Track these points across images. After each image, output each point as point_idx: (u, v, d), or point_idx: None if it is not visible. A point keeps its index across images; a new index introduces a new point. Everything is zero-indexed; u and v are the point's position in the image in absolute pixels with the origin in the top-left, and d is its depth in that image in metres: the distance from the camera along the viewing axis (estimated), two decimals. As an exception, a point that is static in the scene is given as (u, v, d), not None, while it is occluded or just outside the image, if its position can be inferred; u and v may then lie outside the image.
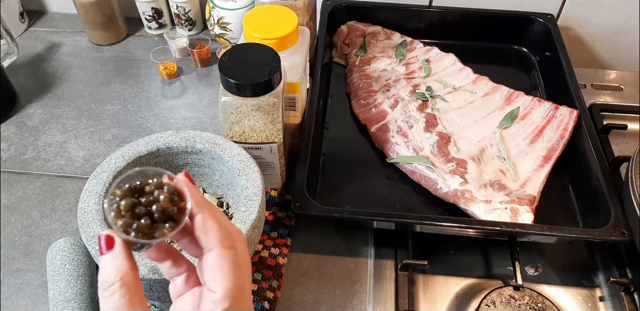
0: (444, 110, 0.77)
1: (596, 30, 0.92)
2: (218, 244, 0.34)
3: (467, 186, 0.66)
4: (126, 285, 0.32)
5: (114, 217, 0.32)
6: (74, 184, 0.74)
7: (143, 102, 0.85)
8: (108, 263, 0.33)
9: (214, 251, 0.34)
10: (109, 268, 0.33)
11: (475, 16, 0.88)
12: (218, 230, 0.34)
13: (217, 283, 0.33)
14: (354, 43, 0.87)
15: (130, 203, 0.31)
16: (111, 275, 0.33)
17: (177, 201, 0.32)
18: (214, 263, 0.34)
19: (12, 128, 0.81)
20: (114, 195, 0.32)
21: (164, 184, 0.33)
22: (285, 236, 0.66)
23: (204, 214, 0.34)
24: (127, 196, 0.32)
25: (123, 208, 0.31)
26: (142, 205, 0.32)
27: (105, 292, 0.33)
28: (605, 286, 0.64)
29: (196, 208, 0.34)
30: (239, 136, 0.61)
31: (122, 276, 0.33)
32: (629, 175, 0.61)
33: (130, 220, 0.32)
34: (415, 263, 0.62)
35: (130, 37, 0.97)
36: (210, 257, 0.34)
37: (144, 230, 0.31)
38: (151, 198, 0.32)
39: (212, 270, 0.34)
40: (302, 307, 0.61)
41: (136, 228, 0.31)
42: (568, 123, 0.73)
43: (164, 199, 0.32)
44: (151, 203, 0.32)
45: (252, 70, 0.56)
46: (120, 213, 0.31)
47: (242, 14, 0.85)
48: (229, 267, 0.33)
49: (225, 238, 0.34)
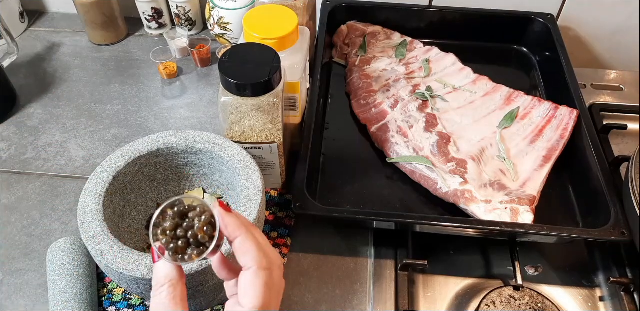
0: (444, 110, 0.77)
1: (596, 30, 0.92)
2: (255, 264, 0.37)
3: (467, 186, 0.66)
4: (173, 286, 0.37)
5: (160, 233, 0.35)
6: (74, 184, 0.74)
7: (143, 102, 0.85)
8: (160, 268, 0.37)
9: (251, 270, 0.37)
10: (161, 273, 0.37)
11: (475, 16, 0.88)
12: (256, 251, 0.37)
13: (247, 299, 0.36)
14: (354, 43, 0.87)
15: (174, 224, 0.35)
16: (162, 278, 0.37)
17: (210, 231, 0.36)
18: (248, 280, 0.37)
19: (12, 128, 0.81)
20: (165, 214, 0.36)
21: (205, 212, 0.36)
22: (285, 236, 0.66)
23: (242, 237, 0.37)
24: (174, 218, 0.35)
25: (168, 227, 0.35)
26: (182, 228, 0.35)
27: (156, 292, 0.37)
28: (605, 286, 0.64)
29: (234, 232, 0.37)
30: (239, 136, 0.61)
31: (171, 279, 0.37)
32: (629, 175, 0.61)
33: (170, 239, 0.35)
34: (415, 263, 0.62)
35: (130, 37, 0.97)
36: (246, 275, 0.37)
37: (178, 251, 0.35)
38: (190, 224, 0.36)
39: (245, 287, 0.37)
40: (302, 307, 0.61)
41: (173, 248, 0.35)
42: (568, 123, 0.73)
43: (199, 228, 0.35)
44: (189, 229, 0.35)
45: (252, 70, 0.56)
46: (165, 231, 0.35)
47: (242, 14, 0.85)
48: (260, 286, 0.37)
49: (262, 259, 0.37)
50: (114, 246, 0.50)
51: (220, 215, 0.36)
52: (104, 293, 0.61)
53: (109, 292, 0.61)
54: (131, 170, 0.58)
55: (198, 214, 0.36)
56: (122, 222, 0.58)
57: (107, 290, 0.61)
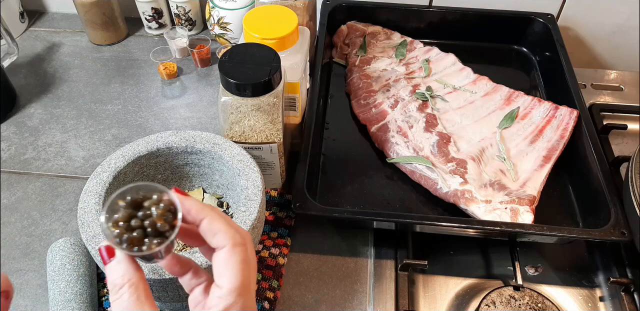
0: (444, 110, 0.77)
1: (596, 30, 0.92)
2: (229, 242, 0.35)
3: (467, 186, 0.66)
4: (134, 285, 0.34)
5: (111, 225, 0.33)
6: (74, 184, 0.74)
7: (143, 102, 0.85)
8: (113, 269, 0.34)
9: (225, 248, 0.35)
10: (115, 274, 0.34)
11: (475, 16, 0.88)
12: (227, 228, 0.35)
13: (224, 279, 0.34)
14: (354, 43, 0.87)
15: (127, 214, 0.33)
16: (118, 279, 0.34)
17: (170, 219, 0.33)
18: (224, 259, 0.35)
19: (12, 128, 0.81)
20: (116, 205, 0.33)
21: (162, 200, 0.33)
22: (285, 237, 0.66)
23: (208, 217, 0.35)
24: (127, 208, 0.33)
25: (121, 218, 0.33)
26: (137, 218, 0.33)
27: (115, 295, 0.34)
28: (605, 286, 0.64)
29: (198, 214, 0.35)
30: (239, 136, 0.61)
31: (129, 278, 0.34)
32: (629, 175, 0.61)
33: (124, 230, 0.33)
34: (415, 263, 0.62)
35: (130, 37, 0.97)
36: (220, 254, 0.35)
37: (134, 242, 0.33)
38: (147, 213, 0.33)
39: (220, 267, 0.35)
40: (302, 307, 0.61)
41: (127, 239, 0.33)
42: (568, 123, 0.73)
43: (157, 215, 0.33)
44: (146, 218, 0.33)
45: (252, 70, 0.56)
46: (117, 223, 0.33)
47: (242, 14, 0.85)
48: (237, 264, 0.35)
49: (234, 235, 0.35)
50: (114, 246, 0.49)
51: (180, 199, 0.34)
52: (104, 293, 0.61)
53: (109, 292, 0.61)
54: (131, 170, 0.58)
55: (155, 202, 0.33)
56: (122, 222, 0.58)
57: (107, 290, 0.61)
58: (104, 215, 0.33)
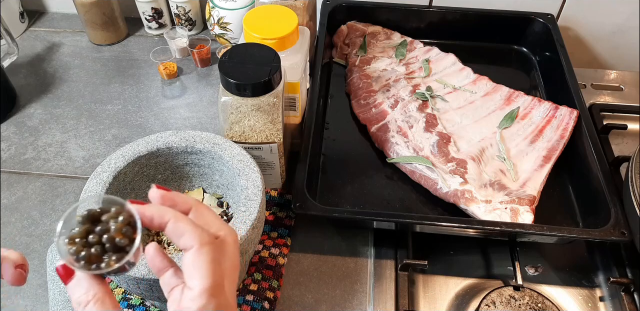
0: (444, 110, 0.77)
1: (596, 30, 0.92)
2: (195, 242, 0.34)
3: (467, 186, 0.66)
4: (99, 301, 0.33)
5: (67, 242, 0.31)
6: (74, 184, 0.74)
7: (143, 102, 0.85)
8: (75, 289, 0.33)
9: (192, 249, 0.34)
10: (78, 293, 0.33)
11: (475, 16, 0.88)
12: (192, 228, 0.34)
13: (194, 281, 0.33)
14: (354, 43, 0.87)
15: (84, 230, 0.31)
16: (82, 296, 0.33)
17: (129, 232, 0.32)
18: (190, 260, 0.34)
19: (12, 128, 0.81)
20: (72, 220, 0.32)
21: (120, 213, 0.32)
22: (285, 237, 0.66)
23: (171, 220, 0.34)
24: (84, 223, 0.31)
25: (77, 234, 0.31)
26: (95, 233, 0.31)
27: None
28: (605, 286, 0.64)
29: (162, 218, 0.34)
30: (239, 136, 0.61)
31: (94, 294, 0.33)
32: (629, 175, 0.61)
33: (81, 247, 0.31)
34: (415, 263, 0.62)
35: (130, 37, 0.97)
36: (188, 255, 0.34)
37: (92, 259, 0.31)
38: (105, 227, 0.32)
39: (189, 268, 0.34)
40: (302, 307, 0.61)
41: (84, 256, 0.31)
42: (568, 123, 0.73)
43: (115, 230, 0.31)
44: (104, 233, 0.31)
45: (252, 70, 0.56)
46: (73, 239, 0.31)
47: (242, 14, 0.85)
48: (206, 264, 0.33)
49: (201, 235, 0.34)
50: (114, 246, 0.49)
51: (139, 209, 0.33)
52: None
53: None
54: (131, 170, 0.58)
55: (113, 216, 0.32)
56: (122, 222, 0.58)
57: (107, 290, 0.61)
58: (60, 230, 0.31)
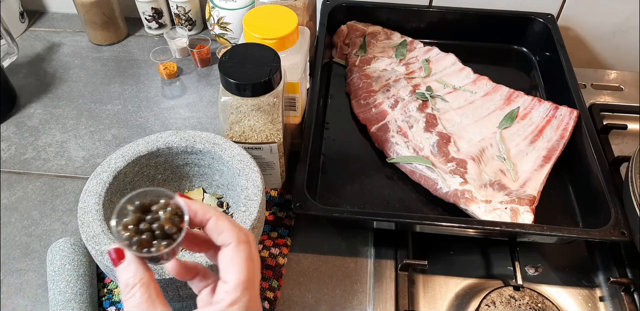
0: (444, 110, 0.77)
1: (596, 30, 0.92)
2: (233, 239, 0.36)
3: (467, 186, 0.66)
4: (145, 285, 0.35)
5: (121, 229, 0.34)
6: (74, 184, 0.74)
7: (143, 102, 0.85)
8: (124, 271, 0.36)
9: (230, 245, 0.36)
10: (126, 275, 0.36)
11: (475, 16, 0.88)
12: (232, 227, 0.37)
13: (230, 275, 0.36)
14: (354, 43, 0.87)
15: (136, 218, 0.34)
16: (130, 279, 0.35)
17: (177, 222, 0.35)
18: (229, 255, 0.36)
19: (12, 128, 0.81)
20: (125, 210, 0.35)
21: (169, 205, 0.35)
22: (285, 237, 0.66)
23: (214, 217, 0.37)
24: (136, 212, 0.35)
25: (130, 222, 0.34)
26: (146, 221, 0.35)
27: (127, 295, 0.35)
28: (605, 286, 0.64)
29: (204, 215, 0.37)
30: (239, 136, 0.61)
31: (141, 278, 0.36)
32: (629, 175, 0.61)
33: (134, 233, 0.34)
34: (415, 263, 0.62)
35: (130, 37, 0.97)
36: (226, 251, 0.36)
37: (143, 244, 0.34)
38: (155, 216, 0.35)
39: (226, 263, 0.36)
40: (302, 307, 0.61)
41: (137, 241, 0.34)
42: (568, 123, 0.73)
43: (165, 219, 0.35)
44: (154, 221, 0.35)
45: (252, 70, 0.56)
46: (126, 226, 0.34)
47: (242, 14, 0.85)
48: (242, 260, 0.36)
49: (239, 233, 0.37)
50: (114, 246, 0.49)
51: (186, 203, 0.36)
52: (104, 293, 0.61)
53: (109, 292, 0.61)
54: (131, 170, 0.58)
55: (162, 206, 0.35)
56: (122, 222, 0.58)
57: (107, 290, 0.61)
58: (114, 219, 0.35)
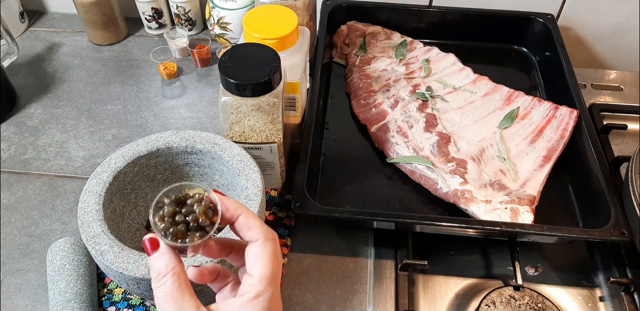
0: (444, 110, 0.77)
1: (596, 30, 0.92)
2: (261, 236, 0.38)
3: (467, 186, 0.66)
4: (176, 274, 0.37)
5: (157, 220, 0.36)
6: (74, 184, 0.74)
7: (143, 102, 0.85)
8: (157, 260, 0.37)
9: (258, 241, 0.38)
10: (158, 264, 0.37)
11: (475, 16, 0.88)
12: (260, 224, 0.39)
13: (256, 269, 0.37)
14: (354, 43, 0.87)
15: (172, 210, 0.36)
16: (162, 268, 0.37)
17: (210, 215, 0.37)
18: (257, 250, 0.38)
19: (12, 128, 0.81)
20: (162, 202, 0.37)
21: (203, 199, 0.37)
22: (285, 237, 0.66)
23: (245, 214, 0.38)
24: (172, 204, 0.37)
25: (166, 214, 0.36)
26: (181, 214, 0.36)
27: (158, 282, 0.37)
28: (605, 286, 0.64)
29: (235, 211, 0.38)
30: (239, 136, 0.61)
31: (172, 267, 0.37)
32: (629, 175, 0.61)
33: (169, 224, 0.36)
34: (415, 263, 0.62)
35: (130, 37, 0.97)
36: (253, 246, 0.38)
37: (178, 235, 0.36)
38: (190, 209, 0.37)
39: (253, 257, 0.38)
40: (302, 307, 0.61)
41: (173, 232, 0.36)
42: (568, 123, 0.73)
43: (199, 212, 0.36)
44: (189, 214, 0.36)
45: (252, 70, 0.56)
46: (163, 218, 0.36)
47: (242, 14, 0.85)
48: (269, 255, 0.38)
49: (267, 231, 0.38)
50: (114, 246, 0.50)
51: (219, 198, 0.38)
52: (104, 293, 0.61)
53: (109, 292, 0.61)
54: (131, 170, 0.58)
55: (197, 200, 0.37)
56: (122, 222, 0.58)
57: (107, 290, 0.61)
58: (152, 211, 0.36)
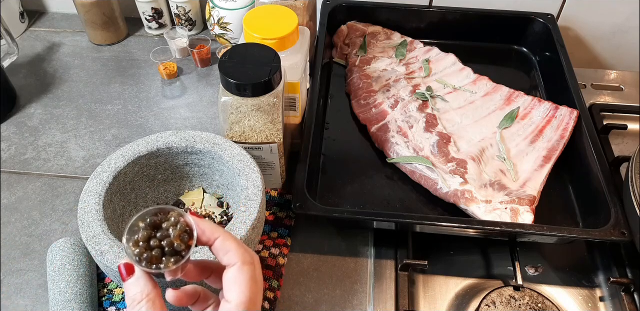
0: (444, 110, 0.77)
1: (596, 30, 0.92)
2: (238, 260, 0.37)
3: (467, 186, 0.66)
4: (151, 301, 0.36)
5: (132, 245, 0.36)
6: (74, 184, 0.74)
7: (143, 102, 0.85)
8: (132, 286, 0.37)
9: (235, 266, 0.37)
10: (134, 290, 0.36)
11: (475, 16, 0.88)
12: (238, 247, 0.38)
13: (232, 294, 0.37)
14: (354, 43, 0.87)
15: (147, 235, 0.36)
16: (137, 294, 0.36)
17: (186, 239, 0.36)
18: (233, 275, 0.37)
19: (12, 128, 0.81)
20: (136, 226, 0.36)
21: (179, 222, 0.36)
22: (285, 237, 0.66)
23: (222, 237, 0.37)
24: (146, 228, 0.36)
25: (140, 238, 0.36)
26: (156, 238, 0.36)
27: (133, 309, 0.36)
28: (605, 286, 0.64)
29: (212, 234, 0.37)
30: (239, 136, 0.61)
31: (147, 293, 0.36)
32: (629, 175, 0.61)
33: (144, 249, 0.36)
34: (415, 263, 0.62)
35: (130, 37, 0.97)
36: (230, 271, 0.37)
37: (152, 260, 0.36)
38: (165, 233, 0.36)
39: (230, 282, 0.37)
40: (302, 307, 0.61)
41: (147, 257, 0.35)
42: (568, 123, 0.73)
43: (175, 236, 0.36)
44: (164, 238, 0.36)
45: (252, 70, 0.56)
46: (137, 242, 0.36)
47: (242, 14, 0.85)
48: (245, 280, 0.37)
49: (244, 254, 0.38)
50: (114, 246, 0.50)
51: (195, 221, 0.37)
52: (104, 293, 0.61)
53: (109, 292, 0.61)
54: (131, 170, 0.58)
55: (172, 224, 0.36)
56: (122, 222, 0.58)
57: (107, 290, 0.61)
58: (125, 236, 0.36)
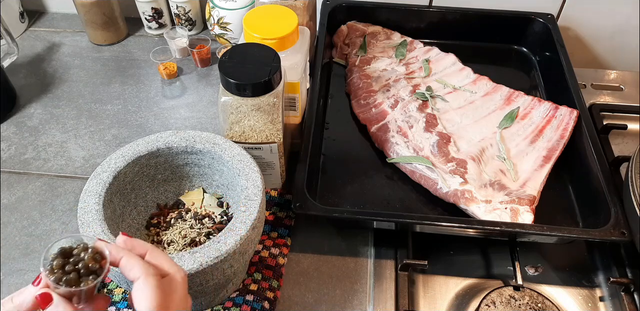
0: (444, 110, 0.77)
1: (596, 30, 0.92)
2: (142, 273, 0.40)
3: (467, 186, 0.66)
4: None
5: (48, 274, 0.38)
6: (74, 184, 0.74)
7: (143, 102, 0.85)
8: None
9: (140, 278, 0.40)
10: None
11: (475, 16, 0.88)
12: (140, 262, 0.40)
13: (142, 303, 0.39)
14: (354, 43, 0.87)
15: (60, 263, 0.39)
16: None
17: (99, 259, 0.40)
18: (139, 287, 0.39)
19: (12, 128, 0.81)
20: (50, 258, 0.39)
21: (89, 247, 0.40)
22: (285, 237, 0.66)
23: (126, 256, 0.40)
24: (59, 257, 0.39)
25: (55, 267, 0.39)
26: (70, 263, 0.39)
27: None
28: (605, 286, 0.64)
29: (117, 254, 0.40)
30: (239, 136, 0.61)
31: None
32: (629, 175, 0.61)
33: (61, 275, 0.38)
34: (415, 263, 0.62)
35: (130, 37, 0.97)
36: (136, 284, 0.40)
37: (71, 283, 0.38)
38: (78, 258, 0.39)
39: (137, 294, 0.39)
40: (302, 307, 0.61)
41: (65, 280, 0.38)
42: (568, 123, 0.73)
43: (88, 258, 0.39)
44: (78, 262, 0.39)
45: (252, 70, 0.56)
46: (53, 270, 0.39)
47: (242, 14, 0.85)
48: (151, 289, 0.39)
49: (147, 268, 0.40)
50: (114, 246, 0.49)
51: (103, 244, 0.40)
52: (104, 293, 0.60)
53: (109, 292, 0.61)
54: (131, 170, 0.58)
55: (83, 249, 0.40)
56: (122, 222, 0.58)
57: (107, 290, 0.61)
58: (41, 268, 0.39)
